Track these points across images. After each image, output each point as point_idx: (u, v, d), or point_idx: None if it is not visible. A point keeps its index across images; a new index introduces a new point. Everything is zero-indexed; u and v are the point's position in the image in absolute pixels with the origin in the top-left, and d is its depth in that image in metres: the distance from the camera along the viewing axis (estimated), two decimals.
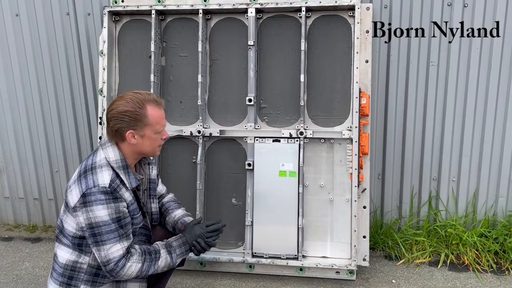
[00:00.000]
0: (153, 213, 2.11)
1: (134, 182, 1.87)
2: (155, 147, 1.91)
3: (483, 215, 3.10)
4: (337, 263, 2.62)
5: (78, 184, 1.79)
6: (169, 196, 2.29)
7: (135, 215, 1.89)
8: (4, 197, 3.71)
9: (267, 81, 2.75)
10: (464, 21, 2.89)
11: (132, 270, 1.80)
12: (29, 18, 3.31)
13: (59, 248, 1.89)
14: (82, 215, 1.76)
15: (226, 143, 2.78)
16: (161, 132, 1.90)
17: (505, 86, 2.94)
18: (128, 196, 1.85)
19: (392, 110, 3.09)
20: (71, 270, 1.86)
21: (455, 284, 2.66)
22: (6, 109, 3.50)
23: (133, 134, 1.82)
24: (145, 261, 1.83)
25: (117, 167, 1.83)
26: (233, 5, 2.67)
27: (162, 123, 1.88)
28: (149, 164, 2.10)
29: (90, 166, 1.81)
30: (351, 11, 2.62)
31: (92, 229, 1.76)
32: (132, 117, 1.79)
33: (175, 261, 1.93)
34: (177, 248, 1.95)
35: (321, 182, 2.70)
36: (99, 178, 1.77)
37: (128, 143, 1.85)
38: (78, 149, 3.48)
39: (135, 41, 2.84)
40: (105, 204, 1.75)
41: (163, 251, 1.90)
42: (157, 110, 1.85)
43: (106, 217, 1.75)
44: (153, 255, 1.87)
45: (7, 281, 2.83)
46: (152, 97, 1.87)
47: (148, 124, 1.82)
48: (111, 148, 1.85)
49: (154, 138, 1.87)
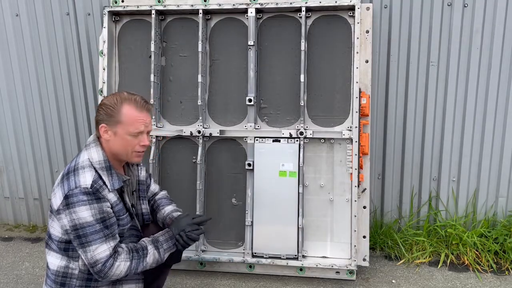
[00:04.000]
0: (144, 214, 2.10)
1: (117, 184, 1.84)
2: (128, 151, 1.84)
3: (483, 215, 3.10)
4: (337, 263, 2.62)
5: (61, 186, 1.77)
6: (161, 193, 2.28)
7: (121, 216, 1.87)
8: (4, 197, 3.71)
9: (267, 81, 2.75)
10: (464, 21, 2.90)
11: (121, 269, 1.78)
12: (29, 18, 3.32)
13: (49, 255, 1.87)
14: (65, 218, 1.74)
15: (226, 143, 2.78)
16: (138, 137, 1.84)
17: (505, 86, 2.94)
18: (112, 197, 1.83)
19: (392, 110, 3.09)
20: (63, 277, 1.84)
21: (455, 284, 2.66)
22: (6, 109, 3.50)
23: (105, 129, 1.82)
24: (133, 258, 1.81)
25: (99, 168, 1.81)
26: (233, 5, 2.67)
27: (137, 126, 1.82)
28: (137, 165, 2.09)
29: (73, 168, 1.80)
30: (351, 11, 2.63)
31: (76, 231, 1.73)
32: (106, 111, 1.81)
33: (163, 256, 1.90)
34: (164, 242, 1.92)
35: (321, 182, 2.70)
36: (81, 179, 1.75)
37: (105, 140, 1.84)
38: (78, 149, 3.48)
39: (135, 41, 2.84)
40: (88, 205, 1.73)
41: (150, 247, 1.88)
42: (134, 111, 1.81)
43: (89, 217, 1.73)
44: (140, 252, 1.84)
45: (7, 281, 2.83)
46: (136, 99, 1.83)
47: (120, 122, 1.80)
48: (95, 149, 1.84)
49: (127, 140, 1.82)
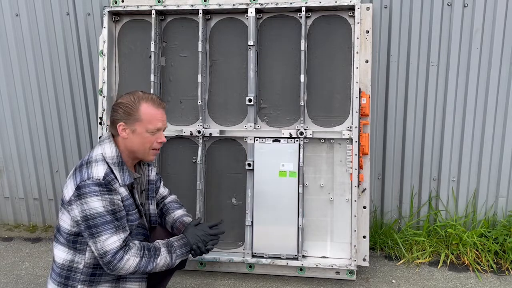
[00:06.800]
0: (151, 215, 2.10)
1: (128, 179, 1.87)
2: (146, 148, 1.88)
3: (483, 215, 3.10)
4: (337, 263, 2.62)
5: (74, 178, 1.81)
6: (171, 197, 2.29)
7: (130, 211, 1.88)
8: (4, 197, 3.71)
9: (267, 81, 2.75)
10: (464, 21, 2.90)
11: (130, 264, 1.78)
12: (29, 18, 3.31)
13: (56, 248, 1.90)
14: (77, 208, 1.76)
15: (226, 143, 2.78)
16: (155, 134, 1.88)
17: (505, 86, 2.94)
18: (123, 191, 1.85)
19: (392, 110, 3.09)
20: (68, 270, 1.86)
21: (455, 284, 2.66)
22: (6, 109, 3.50)
23: (124, 128, 1.85)
24: (143, 256, 1.81)
25: (112, 163, 1.84)
26: (233, 5, 2.67)
27: (156, 123, 1.86)
28: (148, 165, 2.12)
29: (86, 161, 1.84)
30: (351, 11, 2.62)
31: (87, 221, 1.75)
32: (124, 109, 1.84)
33: (174, 261, 1.90)
34: (178, 248, 1.92)
35: (321, 182, 2.70)
36: (94, 171, 1.79)
37: (121, 138, 1.87)
38: (78, 149, 3.48)
39: (135, 41, 2.84)
40: (100, 196, 1.76)
41: (163, 250, 1.88)
42: (152, 109, 1.86)
43: (100, 208, 1.75)
44: (152, 252, 1.84)
45: (7, 281, 2.83)
46: (152, 97, 1.88)
47: (139, 120, 1.84)
48: (109, 145, 1.87)
49: (145, 137, 1.86)
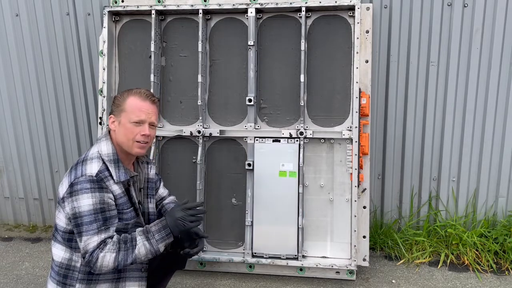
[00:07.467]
0: (150, 213, 2.09)
1: (123, 176, 1.88)
2: (129, 140, 1.87)
3: (483, 215, 3.10)
4: (337, 263, 2.62)
5: (69, 175, 1.83)
6: (170, 198, 2.29)
7: (124, 210, 1.88)
8: (4, 197, 3.71)
9: (267, 81, 2.74)
10: (464, 21, 2.90)
11: (108, 260, 1.76)
12: (29, 18, 3.31)
13: (54, 246, 1.91)
14: (68, 205, 1.78)
15: (226, 143, 2.78)
16: (139, 126, 1.87)
17: (505, 86, 2.94)
18: (116, 189, 1.85)
19: (392, 110, 3.09)
20: (66, 269, 1.87)
21: (455, 284, 2.66)
22: (6, 109, 3.50)
23: (113, 120, 1.92)
24: (120, 250, 1.78)
25: (108, 160, 1.86)
26: (233, 5, 2.67)
27: (139, 114, 1.87)
28: (147, 164, 2.12)
29: (82, 159, 1.87)
30: (351, 11, 2.62)
31: (76, 219, 1.77)
32: (115, 102, 1.94)
33: (156, 247, 1.84)
34: (156, 233, 1.86)
35: (321, 182, 2.70)
36: (88, 168, 1.81)
37: (113, 132, 1.92)
38: (78, 149, 3.48)
39: (135, 41, 2.84)
40: (90, 193, 1.77)
41: (139, 238, 1.83)
42: (137, 101, 1.89)
43: (89, 206, 1.76)
44: (128, 244, 1.81)
45: (7, 281, 2.83)
46: (141, 91, 1.93)
47: (124, 111, 1.88)
48: (105, 142, 1.90)
49: (128, 128, 1.87)
